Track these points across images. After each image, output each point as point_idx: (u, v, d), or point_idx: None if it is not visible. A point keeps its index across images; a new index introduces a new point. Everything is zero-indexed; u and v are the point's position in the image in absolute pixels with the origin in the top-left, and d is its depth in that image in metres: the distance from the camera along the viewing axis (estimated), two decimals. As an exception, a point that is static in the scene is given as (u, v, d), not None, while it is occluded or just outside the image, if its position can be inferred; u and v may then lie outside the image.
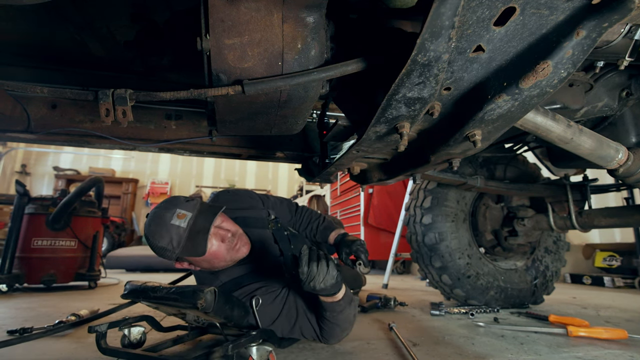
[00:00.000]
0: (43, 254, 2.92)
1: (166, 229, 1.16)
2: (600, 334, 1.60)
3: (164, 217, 1.17)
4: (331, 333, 1.24)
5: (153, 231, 1.17)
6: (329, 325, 1.23)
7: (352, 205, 5.31)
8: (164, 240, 1.16)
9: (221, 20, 0.86)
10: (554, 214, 2.20)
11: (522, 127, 1.09)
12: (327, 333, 1.25)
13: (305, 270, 1.07)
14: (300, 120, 1.27)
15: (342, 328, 1.25)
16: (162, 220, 1.17)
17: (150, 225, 1.18)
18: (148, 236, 1.19)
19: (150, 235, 1.18)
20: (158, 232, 1.16)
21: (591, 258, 4.73)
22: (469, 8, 0.66)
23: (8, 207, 6.42)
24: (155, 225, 1.17)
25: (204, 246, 1.17)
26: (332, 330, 1.23)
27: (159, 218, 1.18)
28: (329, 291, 1.12)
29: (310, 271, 1.07)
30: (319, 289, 1.08)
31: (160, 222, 1.17)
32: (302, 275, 1.07)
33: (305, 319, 1.25)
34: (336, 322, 1.22)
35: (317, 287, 1.08)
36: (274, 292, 1.27)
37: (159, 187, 9.67)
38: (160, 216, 1.18)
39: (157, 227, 1.16)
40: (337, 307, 1.19)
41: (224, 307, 1.11)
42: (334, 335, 1.25)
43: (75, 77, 1.84)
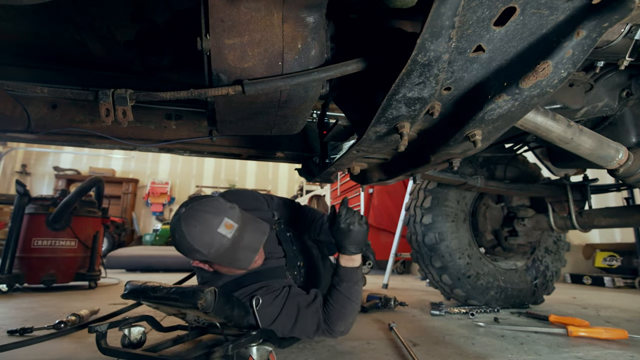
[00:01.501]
0: (43, 254, 2.92)
1: (211, 235, 1.14)
2: (601, 334, 1.60)
3: (212, 223, 1.15)
4: (341, 311, 1.26)
5: (196, 233, 1.14)
6: (341, 301, 1.26)
7: (352, 205, 5.31)
8: (204, 245, 1.14)
9: (221, 20, 0.86)
10: (554, 214, 2.20)
11: (522, 127, 1.09)
12: (336, 313, 1.26)
13: (344, 212, 1.30)
14: (301, 120, 1.27)
15: (353, 306, 1.28)
16: (209, 226, 1.15)
17: (196, 226, 1.14)
18: (185, 234, 1.14)
19: (189, 235, 1.14)
20: (201, 235, 1.14)
21: (591, 258, 4.73)
22: (469, 8, 0.66)
23: (8, 207, 6.42)
24: (201, 227, 1.14)
25: (248, 263, 1.21)
26: (342, 306, 1.26)
27: (207, 222, 1.15)
28: (358, 241, 1.28)
29: (349, 214, 1.30)
30: (352, 230, 1.27)
31: (208, 227, 1.15)
32: (341, 216, 1.29)
33: (307, 314, 1.25)
34: (349, 296, 1.26)
35: (351, 228, 1.27)
36: (275, 292, 1.27)
37: (159, 187, 9.67)
38: (208, 220, 1.15)
39: (203, 231, 1.14)
40: (354, 275, 1.29)
41: (224, 307, 1.11)
42: (344, 315, 1.26)
43: (75, 77, 1.84)
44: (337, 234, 1.31)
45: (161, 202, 9.62)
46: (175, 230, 1.17)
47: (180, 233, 1.15)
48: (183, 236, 1.15)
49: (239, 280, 1.32)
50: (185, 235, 1.14)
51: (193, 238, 1.14)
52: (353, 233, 1.28)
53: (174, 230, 1.18)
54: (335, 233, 1.32)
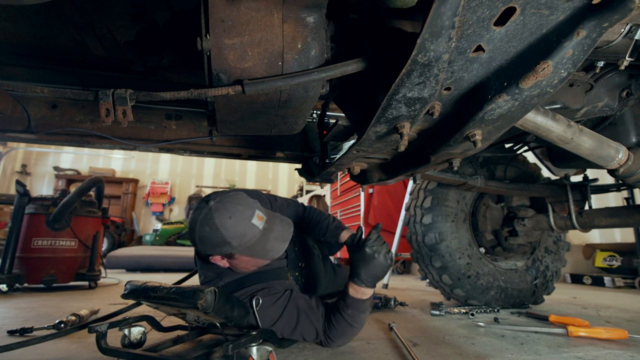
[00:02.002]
0: (43, 253, 2.92)
1: (245, 226, 1.16)
2: (601, 334, 1.60)
3: (245, 214, 1.17)
4: (341, 333, 1.24)
5: (230, 224, 1.14)
6: (343, 325, 1.23)
7: (353, 205, 5.31)
8: (237, 236, 1.15)
9: (221, 20, 0.86)
10: (554, 214, 2.19)
11: (522, 127, 1.09)
12: (336, 333, 1.24)
13: (375, 237, 1.23)
14: (301, 120, 1.27)
15: (354, 330, 1.25)
16: (243, 217, 1.16)
17: (230, 218, 1.15)
18: (217, 225, 1.14)
19: (222, 227, 1.14)
20: (234, 226, 1.15)
21: (591, 258, 4.73)
22: (469, 8, 0.66)
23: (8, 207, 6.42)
24: (235, 219, 1.15)
25: (278, 253, 1.23)
26: (343, 330, 1.24)
27: (240, 214, 1.16)
28: (376, 274, 1.21)
29: (379, 241, 1.23)
30: (376, 259, 1.20)
31: (242, 218, 1.16)
32: (369, 240, 1.22)
33: (307, 321, 1.25)
34: (352, 323, 1.23)
35: (376, 257, 1.20)
36: (276, 294, 1.27)
37: (159, 187, 9.67)
38: (241, 212, 1.17)
39: (237, 222, 1.15)
40: (361, 306, 1.23)
41: (224, 307, 1.11)
42: (343, 335, 1.25)
43: (75, 77, 1.84)
44: (357, 258, 1.23)
45: (161, 202, 9.62)
46: (204, 223, 1.16)
47: (212, 225, 1.15)
48: (216, 228, 1.14)
49: (241, 280, 1.32)
50: (218, 227, 1.14)
51: (227, 229, 1.14)
52: (375, 263, 1.20)
53: (203, 223, 1.16)
54: (355, 256, 1.24)
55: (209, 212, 1.16)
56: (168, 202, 9.72)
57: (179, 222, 8.55)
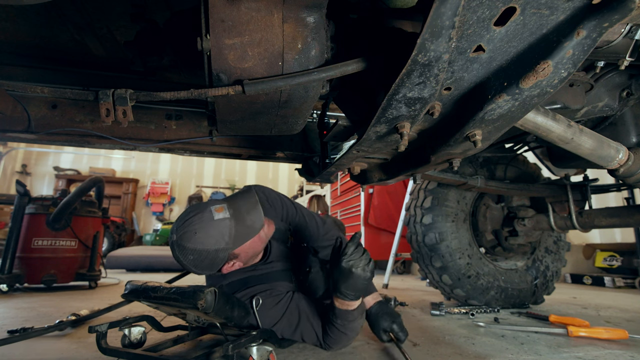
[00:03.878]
0: (43, 253, 2.92)
1: (214, 226, 1.10)
2: (601, 334, 1.60)
3: (204, 218, 1.11)
4: (336, 340, 1.24)
5: (201, 237, 1.09)
6: (337, 333, 1.22)
7: (353, 206, 5.32)
8: (216, 239, 1.10)
9: (221, 20, 0.86)
10: (554, 214, 2.19)
11: (522, 127, 1.09)
12: (332, 340, 1.24)
13: (352, 249, 1.12)
14: (301, 120, 1.27)
15: (349, 337, 1.25)
16: (204, 222, 1.11)
17: (196, 233, 1.08)
18: (195, 247, 1.09)
19: (199, 243, 1.09)
20: (206, 234, 1.09)
21: (591, 258, 4.73)
22: (469, 8, 0.66)
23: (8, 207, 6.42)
24: (200, 231, 1.09)
25: (261, 219, 1.18)
26: (338, 337, 1.23)
27: (200, 222, 1.10)
28: (357, 287, 1.12)
29: (356, 253, 1.12)
30: (353, 273, 1.10)
31: (205, 224, 1.10)
32: (345, 254, 1.12)
33: (308, 324, 1.25)
34: (344, 331, 1.21)
35: (353, 271, 1.10)
36: (278, 295, 1.27)
37: (160, 187, 9.67)
38: (199, 220, 1.10)
39: (204, 230, 1.09)
40: (349, 317, 1.19)
41: (224, 308, 1.11)
42: (339, 342, 1.25)
43: (75, 77, 1.84)
44: (335, 273, 1.15)
45: (161, 202, 9.63)
46: (185, 255, 1.11)
47: (192, 251, 1.10)
48: (195, 251, 1.09)
49: (245, 280, 1.32)
50: (196, 248, 1.09)
51: (204, 244, 1.10)
52: (353, 277, 1.11)
53: (184, 256, 1.11)
54: (333, 270, 1.17)
55: (180, 245, 1.11)
56: (168, 202, 9.73)
57: (179, 222, 8.53)
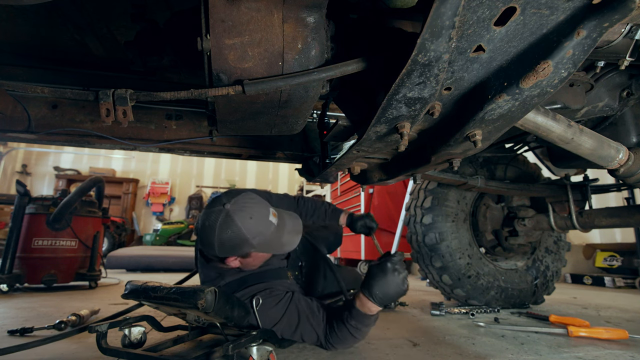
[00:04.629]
0: (44, 253, 2.92)
1: (264, 224, 1.20)
2: (601, 334, 1.60)
3: (263, 213, 1.21)
4: (343, 340, 1.23)
5: (251, 224, 1.17)
6: (345, 334, 1.21)
7: (353, 206, 5.31)
8: (258, 234, 1.18)
9: (221, 20, 0.86)
10: (554, 214, 2.19)
11: (522, 127, 1.09)
12: (338, 340, 1.23)
13: (399, 258, 1.20)
14: (301, 120, 1.27)
15: (356, 340, 1.24)
16: (262, 215, 1.21)
17: (251, 218, 1.18)
18: (240, 226, 1.16)
19: (244, 227, 1.16)
20: (255, 226, 1.18)
21: (592, 258, 4.73)
22: (469, 8, 0.66)
23: (9, 207, 6.43)
24: (256, 218, 1.19)
25: (294, 245, 1.29)
26: (345, 338, 1.22)
27: (259, 213, 1.20)
28: (390, 294, 1.17)
29: (402, 265, 1.20)
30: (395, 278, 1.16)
31: (261, 217, 1.20)
32: (394, 259, 1.19)
33: (308, 325, 1.24)
34: (354, 334, 1.21)
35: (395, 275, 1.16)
36: (278, 295, 1.26)
37: (160, 187, 9.67)
38: (259, 211, 1.21)
39: (257, 221, 1.19)
40: (366, 321, 1.20)
41: (224, 307, 1.11)
42: (345, 343, 1.24)
43: (75, 77, 1.84)
44: (376, 271, 1.19)
45: (161, 202, 9.62)
46: (225, 226, 1.16)
47: (235, 227, 1.16)
48: (238, 229, 1.16)
49: (243, 280, 1.32)
50: (241, 228, 1.16)
51: (249, 230, 1.17)
52: (392, 280, 1.16)
53: (223, 227, 1.16)
54: (374, 268, 1.21)
55: (228, 216, 1.17)
56: (168, 202, 9.72)
57: (179, 222, 8.54)
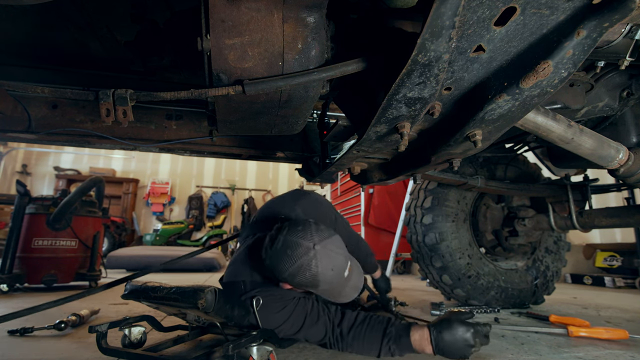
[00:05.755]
0: (44, 253, 2.92)
1: (339, 278, 1.19)
2: (601, 334, 1.60)
3: (342, 267, 1.19)
4: (361, 351, 1.25)
5: (329, 276, 1.15)
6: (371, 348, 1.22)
7: (353, 205, 5.31)
8: (327, 283, 1.16)
9: (222, 20, 0.86)
10: (554, 214, 2.19)
11: (522, 127, 1.09)
12: (356, 348, 1.24)
13: (484, 330, 1.22)
14: (301, 120, 1.27)
15: (374, 355, 1.24)
16: (340, 269, 1.18)
17: (332, 270, 1.15)
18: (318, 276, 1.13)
19: (322, 276, 1.14)
20: (331, 278, 1.16)
21: (592, 258, 4.73)
22: (469, 8, 0.66)
23: (9, 207, 6.43)
24: (335, 272, 1.16)
25: (349, 299, 1.30)
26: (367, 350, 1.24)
27: (339, 266, 1.17)
28: (451, 356, 1.17)
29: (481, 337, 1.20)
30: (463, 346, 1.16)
31: (339, 271, 1.18)
32: (476, 331, 1.19)
33: (312, 327, 1.24)
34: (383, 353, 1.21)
35: (464, 345, 1.16)
36: (286, 301, 1.26)
37: (160, 187, 9.67)
38: (340, 264, 1.17)
39: (335, 274, 1.17)
40: (405, 353, 1.21)
41: (224, 307, 1.11)
42: (360, 353, 1.26)
43: (75, 77, 1.84)
44: (457, 328, 1.19)
45: (161, 202, 9.62)
46: (306, 269, 1.12)
47: (314, 273, 1.13)
48: (316, 276, 1.13)
49: (267, 285, 1.31)
50: (318, 276, 1.13)
51: (324, 279, 1.15)
52: (462, 347, 1.16)
53: (304, 269, 1.12)
54: (457, 324, 1.20)
55: (315, 259, 1.12)
56: (168, 202, 9.72)
57: (179, 222, 8.55)
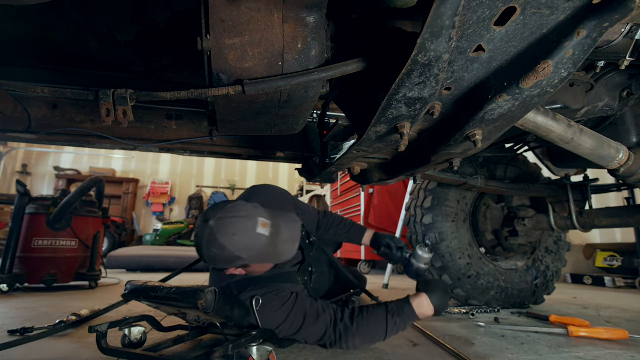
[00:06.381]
0: (44, 253, 2.92)
1: (252, 238, 1.14)
2: (601, 334, 1.60)
3: (248, 226, 1.14)
4: (366, 337, 1.24)
5: (235, 241, 1.11)
6: (376, 332, 1.24)
7: (353, 205, 5.31)
8: (247, 250, 1.13)
9: (222, 20, 0.86)
10: (554, 214, 2.19)
11: (522, 127, 1.09)
12: (364, 334, 1.23)
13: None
14: (301, 120, 1.27)
15: (379, 339, 1.26)
16: (247, 230, 1.13)
17: (235, 234, 1.12)
18: (224, 245, 1.11)
19: (230, 244, 1.11)
20: (241, 242, 1.12)
21: (592, 258, 4.73)
22: (469, 8, 0.66)
23: (9, 207, 6.43)
24: (241, 234, 1.12)
25: (292, 254, 1.23)
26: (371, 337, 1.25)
27: (244, 227, 1.13)
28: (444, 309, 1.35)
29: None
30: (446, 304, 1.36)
31: (246, 232, 1.13)
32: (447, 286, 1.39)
33: (311, 326, 1.24)
34: (390, 330, 1.24)
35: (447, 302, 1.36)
36: (283, 297, 1.26)
37: (160, 187, 9.67)
38: (244, 225, 1.13)
39: (243, 237, 1.13)
40: (411, 321, 1.28)
41: (224, 307, 1.11)
42: (364, 341, 1.25)
43: (75, 77, 1.84)
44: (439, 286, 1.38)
45: (162, 202, 9.63)
46: (209, 244, 1.12)
47: (218, 245, 1.12)
48: (223, 247, 1.12)
49: (254, 279, 1.32)
50: (225, 246, 1.11)
51: (234, 246, 1.12)
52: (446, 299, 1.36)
53: (208, 244, 1.13)
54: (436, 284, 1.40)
55: (211, 233, 1.12)
56: (168, 202, 9.73)
57: (179, 222, 8.55)
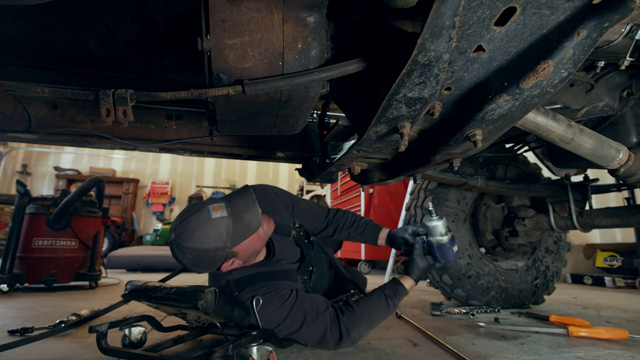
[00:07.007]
0: (44, 253, 2.92)
1: (212, 225, 1.12)
2: (601, 334, 1.60)
3: (202, 217, 1.13)
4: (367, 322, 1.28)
5: (199, 236, 1.11)
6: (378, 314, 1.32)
7: (353, 205, 5.31)
8: (214, 238, 1.12)
9: (222, 20, 0.86)
10: (554, 214, 2.19)
11: (522, 127, 1.09)
12: (367, 319, 1.28)
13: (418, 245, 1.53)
14: (301, 120, 1.27)
15: (378, 319, 1.32)
16: (202, 220, 1.12)
17: (194, 232, 1.11)
18: (193, 246, 1.11)
19: (197, 242, 1.11)
20: (204, 233, 1.11)
21: (592, 258, 4.73)
22: (469, 8, 0.66)
23: (9, 207, 6.43)
24: (198, 230, 1.11)
25: (257, 216, 1.20)
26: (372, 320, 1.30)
27: (198, 221, 1.12)
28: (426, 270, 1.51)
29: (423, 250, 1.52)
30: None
31: (203, 223, 1.12)
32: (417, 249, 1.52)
33: (311, 326, 1.24)
34: (385, 309, 1.34)
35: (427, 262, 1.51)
36: (283, 296, 1.26)
37: (160, 187, 9.67)
38: (197, 219, 1.13)
39: (203, 230, 1.11)
40: (403, 295, 1.42)
41: (224, 308, 1.11)
42: (367, 326, 1.29)
43: (75, 77, 1.84)
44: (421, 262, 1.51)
45: (162, 202, 9.63)
46: (183, 255, 1.13)
47: (189, 250, 1.12)
48: (193, 249, 1.12)
49: (253, 278, 1.31)
50: (194, 247, 1.11)
51: (202, 242, 1.11)
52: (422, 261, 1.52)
53: (182, 255, 1.13)
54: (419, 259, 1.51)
55: (178, 245, 1.13)
56: (168, 202, 9.73)
57: (179, 222, 8.53)
